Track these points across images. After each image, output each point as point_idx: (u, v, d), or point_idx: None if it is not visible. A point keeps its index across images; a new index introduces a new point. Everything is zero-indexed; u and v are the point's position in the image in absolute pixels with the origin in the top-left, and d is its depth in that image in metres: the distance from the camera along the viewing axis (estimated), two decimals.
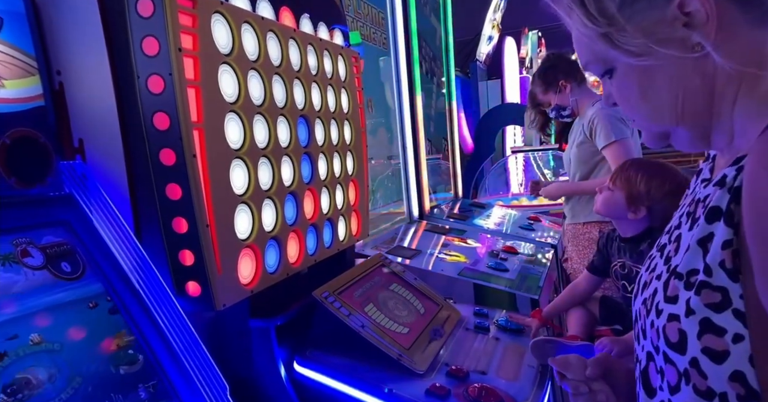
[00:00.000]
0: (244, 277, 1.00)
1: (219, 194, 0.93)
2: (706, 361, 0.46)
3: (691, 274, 0.49)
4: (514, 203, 3.55)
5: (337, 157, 1.43)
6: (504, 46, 6.74)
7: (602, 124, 1.89)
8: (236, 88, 1.03)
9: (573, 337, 1.27)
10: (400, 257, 1.61)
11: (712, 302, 0.46)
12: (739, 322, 0.45)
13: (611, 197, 1.32)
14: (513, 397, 0.93)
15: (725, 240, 0.46)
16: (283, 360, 1.03)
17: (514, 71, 6.88)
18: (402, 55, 2.53)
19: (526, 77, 7.12)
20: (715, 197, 0.49)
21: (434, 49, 3.33)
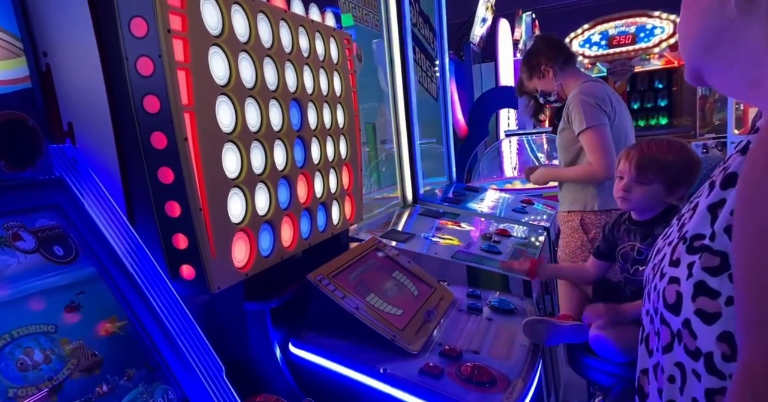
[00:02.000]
0: (238, 261, 1.00)
1: (211, 178, 0.93)
2: (697, 322, 0.48)
3: (695, 238, 0.51)
4: (507, 187, 3.56)
5: (330, 141, 1.43)
6: (498, 28, 6.68)
7: (576, 111, 1.86)
8: (227, 71, 1.02)
9: (565, 317, 1.28)
10: (395, 241, 1.62)
11: (709, 266, 0.47)
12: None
13: (650, 192, 1.24)
14: (505, 375, 0.95)
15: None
16: (278, 342, 1.04)
17: (508, 54, 6.82)
18: (395, 37, 2.50)
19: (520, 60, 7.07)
20: (735, 163, 0.49)
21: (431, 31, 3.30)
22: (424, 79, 3.17)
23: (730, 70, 0.53)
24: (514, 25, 7.26)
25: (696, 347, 0.48)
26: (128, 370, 0.78)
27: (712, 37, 0.52)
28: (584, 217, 1.86)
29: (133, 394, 0.76)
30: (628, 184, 1.26)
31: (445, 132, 3.18)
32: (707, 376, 0.47)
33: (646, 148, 1.24)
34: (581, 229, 1.86)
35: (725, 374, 0.46)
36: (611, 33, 8.41)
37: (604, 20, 8.50)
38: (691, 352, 0.49)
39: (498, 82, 6.30)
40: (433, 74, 3.35)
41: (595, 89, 1.90)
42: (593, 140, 1.84)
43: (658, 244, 0.62)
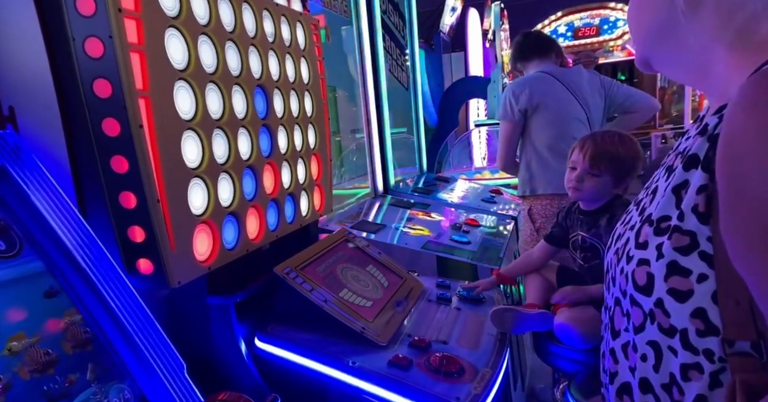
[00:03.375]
0: (200, 254, 0.96)
1: (170, 167, 0.88)
2: (670, 301, 0.49)
3: (662, 220, 0.51)
4: (477, 176, 3.58)
5: (298, 129, 1.39)
6: (467, 18, 6.68)
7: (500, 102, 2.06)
8: (186, 54, 0.97)
9: (531, 306, 1.29)
10: (365, 232, 1.60)
11: (680, 245, 0.48)
12: (704, 263, 0.47)
13: (600, 183, 1.28)
14: (473, 364, 0.95)
15: (701, 185, 0.48)
16: (243, 336, 1.01)
17: (478, 44, 6.84)
18: (364, 24, 2.46)
19: (489, 49, 7.11)
20: (695, 145, 0.50)
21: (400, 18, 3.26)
22: (394, 68, 3.14)
23: (680, 59, 0.56)
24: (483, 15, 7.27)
25: (670, 325, 0.49)
26: (82, 368, 0.74)
27: (661, 27, 0.55)
28: (532, 206, 1.95)
29: (86, 395, 0.72)
30: (581, 175, 1.30)
31: (415, 122, 3.17)
32: (683, 352, 0.49)
33: (600, 140, 1.28)
34: (529, 218, 1.94)
35: (699, 349, 0.48)
36: (577, 25, 8.56)
37: (570, 12, 8.64)
38: (665, 330, 0.50)
39: (468, 72, 6.32)
40: (404, 63, 3.32)
41: (518, 84, 2.03)
42: (500, 133, 2.08)
43: (618, 229, 0.63)
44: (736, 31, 0.50)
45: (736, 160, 0.43)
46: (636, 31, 0.60)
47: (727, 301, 0.45)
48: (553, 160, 1.93)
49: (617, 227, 0.64)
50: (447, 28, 6.57)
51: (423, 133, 3.19)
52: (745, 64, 0.50)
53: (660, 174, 0.59)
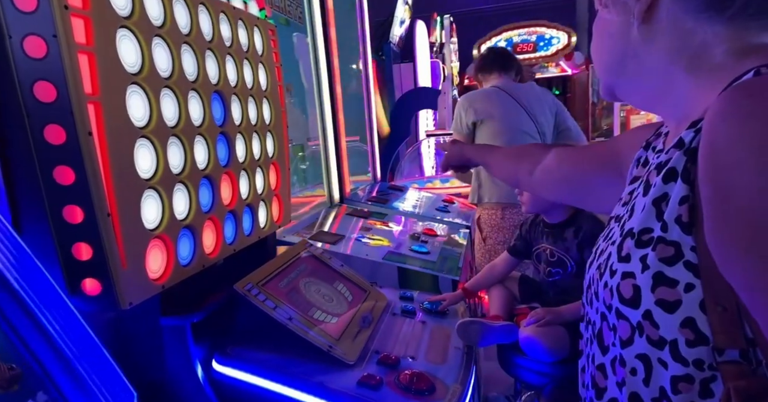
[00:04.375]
0: (153, 272, 0.89)
1: (122, 178, 0.81)
2: (659, 312, 0.49)
3: (643, 232, 0.52)
4: (428, 186, 3.61)
5: (257, 138, 1.33)
6: (415, 30, 6.79)
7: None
8: (139, 57, 0.90)
9: (495, 317, 1.30)
10: (324, 243, 1.56)
11: (665, 256, 0.49)
12: (690, 273, 0.47)
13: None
14: (442, 380, 0.93)
15: (682, 196, 0.48)
16: (200, 359, 0.94)
17: (425, 55, 6.97)
18: (319, 30, 2.42)
19: (436, 61, 7.25)
20: (673, 159, 0.51)
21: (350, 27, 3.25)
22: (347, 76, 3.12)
23: (641, 86, 0.59)
24: (430, 27, 7.42)
25: (659, 336, 0.49)
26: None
27: (621, 58, 0.58)
28: (480, 215, 2.02)
29: None
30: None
31: (369, 130, 3.16)
32: (673, 364, 0.48)
33: None
34: (477, 227, 2.01)
35: (689, 361, 0.47)
36: (515, 40, 8.94)
37: (509, 28, 9.02)
38: (655, 342, 0.50)
39: (416, 82, 6.41)
40: (356, 72, 3.31)
41: (467, 97, 2.15)
42: None
43: (600, 245, 0.63)
44: (690, 57, 0.53)
45: (721, 170, 0.44)
46: (599, 63, 0.62)
47: (715, 309, 0.46)
48: None
49: (599, 242, 0.64)
50: (396, 39, 6.64)
51: (377, 141, 3.19)
52: (705, 85, 0.53)
53: (636, 189, 0.60)
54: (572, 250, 1.29)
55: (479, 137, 2.08)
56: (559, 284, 1.34)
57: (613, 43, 0.59)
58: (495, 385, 2.08)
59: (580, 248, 1.27)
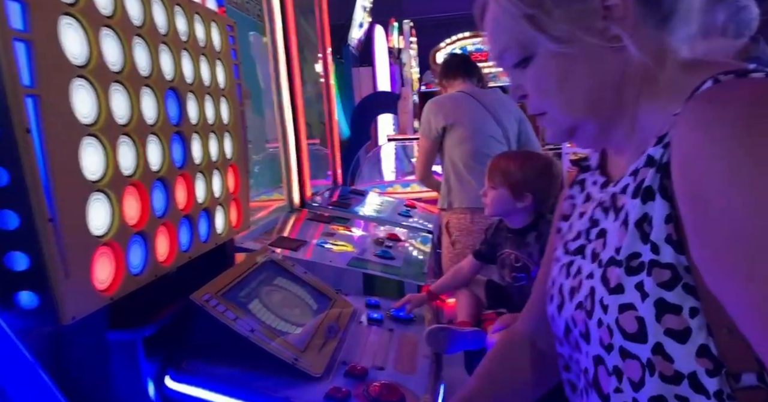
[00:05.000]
0: (100, 282, 0.82)
1: (65, 180, 0.74)
2: (670, 343, 0.45)
3: (631, 258, 0.48)
4: (389, 190, 3.60)
5: (214, 138, 1.27)
6: (374, 34, 6.80)
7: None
8: (85, 48, 0.83)
9: (464, 323, 1.29)
10: (285, 249, 1.50)
11: (662, 281, 0.45)
12: (691, 296, 0.44)
13: (497, 195, 1.36)
14: (412, 391, 0.90)
15: (667, 214, 0.46)
16: (151, 377, 0.87)
17: (384, 59, 6.99)
18: (279, 30, 2.36)
19: (395, 66, 7.30)
20: (647, 178, 0.49)
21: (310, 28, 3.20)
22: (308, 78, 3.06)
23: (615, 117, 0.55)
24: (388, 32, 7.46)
25: (675, 371, 0.44)
26: None
27: (601, 92, 0.54)
28: (449, 219, 2.04)
29: None
30: (485, 189, 1.42)
31: (329, 133, 3.11)
32: (695, 397, 0.44)
33: (497, 157, 1.45)
34: (446, 231, 2.03)
35: (710, 392, 0.43)
36: (470, 49, 9.16)
37: (465, 37, 9.23)
38: (670, 378, 0.45)
39: (376, 86, 6.41)
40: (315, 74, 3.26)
41: (438, 101, 2.17)
42: (419, 148, 2.22)
43: (566, 284, 0.58)
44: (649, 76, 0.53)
45: (696, 183, 0.42)
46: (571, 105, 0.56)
47: (720, 332, 0.43)
48: (468, 175, 2.02)
49: (562, 283, 0.60)
50: (355, 42, 6.62)
51: (338, 145, 3.14)
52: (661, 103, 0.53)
53: (596, 214, 0.57)
54: (535, 256, 1.30)
55: (448, 141, 2.09)
56: (525, 289, 1.34)
57: (592, 82, 0.54)
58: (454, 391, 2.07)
59: (543, 253, 1.28)
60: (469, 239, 2.01)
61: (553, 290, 0.62)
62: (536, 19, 0.52)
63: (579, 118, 0.56)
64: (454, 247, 2.03)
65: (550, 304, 0.63)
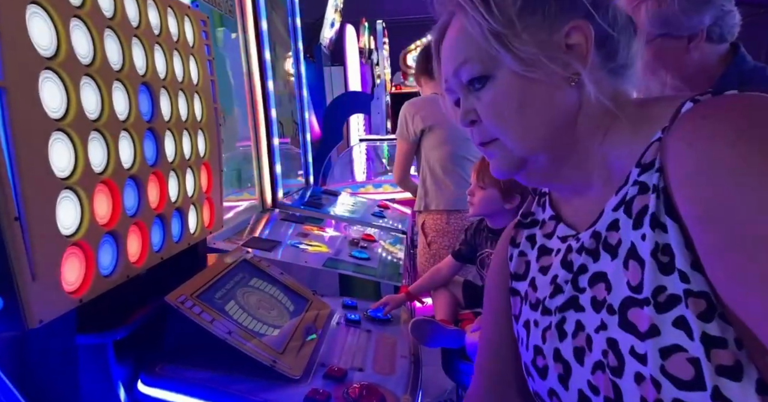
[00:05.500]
0: (69, 284, 0.78)
1: (33, 177, 0.70)
2: (727, 384, 0.39)
3: (657, 293, 0.43)
4: (361, 191, 3.59)
5: (187, 136, 1.23)
6: (345, 34, 6.76)
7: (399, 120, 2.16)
8: (54, 39, 0.79)
9: (443, 322, 1.30)
10: (259, 250, 1.47)
11: (700, 312, 0.41)
12: (730, 326, 0.40)
13: (487, 196, 1.36)
14: (392, 391, 0.90)
15: (684, 238, 0.43)
16: (122, 381, 0.84)
17: (355, 59, 6.96)
18: (250, 23, 2.32)
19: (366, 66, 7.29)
20: (650, 204, 0.45)
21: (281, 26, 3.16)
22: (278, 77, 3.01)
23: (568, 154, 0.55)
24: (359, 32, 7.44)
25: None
26: None
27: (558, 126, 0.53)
28: (425, 220, 2.05)
29: None
30: (472, 189, 1.42)
31: (301, 133, 3.07)
32: None
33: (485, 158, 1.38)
34: (422, 232, 2.04)
35: None
36: None
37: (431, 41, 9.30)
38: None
39: (347, 86, 6.38)
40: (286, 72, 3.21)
41: (413, 103, 2.17)
42: (397, 151, 2.19)
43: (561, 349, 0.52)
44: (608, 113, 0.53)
45: (710, 198, 0.40)
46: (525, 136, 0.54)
47: (763, 358, 0.38)
48: (445, 178, 2.03)
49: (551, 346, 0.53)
50: (327, 42, 6.57)
51: (309, 144, 3.11)
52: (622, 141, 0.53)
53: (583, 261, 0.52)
54: None
55: (425, 144, 2.09)
56: None
57: (550, 111, 0.53)
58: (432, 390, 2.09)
59: None
60: (445, 240, 2.02)
61: (541, 361, 0.55)
62: (504, 37, 0.51)
63: (533, 149, 0.54)
64: (430, 247, 2.05)
65: (540, 380, 0.55)
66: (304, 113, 3.15)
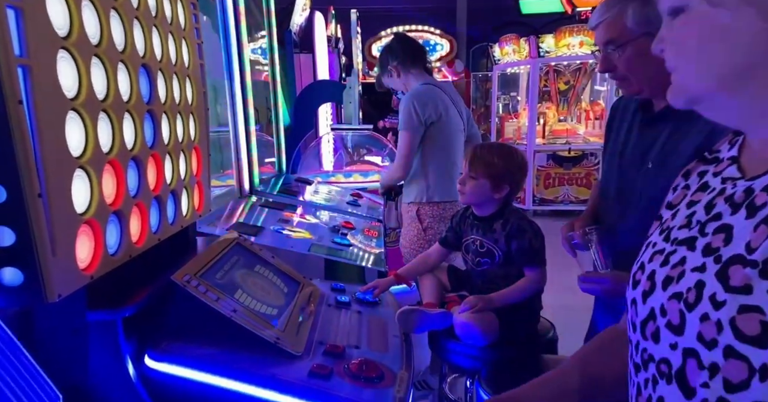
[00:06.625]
0: (81, 261, 0.80)
1: (54, 155, 0.72)
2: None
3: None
4: (332, 179, 3.61)
5: (180, 119, 1.24)
6: (314, 21, 6.69)
7: (400, 111, 2.12)
8: (67, 19, 0.80)
9: (430, 305, 1.37)
10: (245, 234, 1.49)
11: None
12: None
13: (478, 186, 1.41)
14: (389, 367, 0.96)
15: None
16: (131, 356, 0.86)
17: (324, 47, 6.90)
18: (229, 7, 2.29)
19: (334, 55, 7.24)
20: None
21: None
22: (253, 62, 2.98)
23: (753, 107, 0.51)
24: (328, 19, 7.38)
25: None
26: None
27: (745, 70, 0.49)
28: (420, 208, 2.08)
29: None
30: (464, 178, 1.46)
31: (275, 120, 3.06)
32: None
33: (479, 149, 1.46)
34: (417, 219, 2.08)
35: None
36: None
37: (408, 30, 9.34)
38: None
39: (316, 75, 6.32)
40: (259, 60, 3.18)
41: (423, 94, 2.10)
42: (401, 142, 2.13)
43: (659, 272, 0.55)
44: None
45: None
46: (703, 72, 0.52)
47: None
48: (447, 169, 2.07)
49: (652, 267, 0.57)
50: (296, 28, 6.48)
51: (282, 131, 3.11)
52: None
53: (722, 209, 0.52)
54: (501, 242, 1.40)
55: (431, 135, 2.08)
56: (487, 273, 1.44)
57: (738, 52, 0.49)
58: None
59: (508, 240, 1.38)
60: (441, 226, 2.06)
61: (641, 275, 0.59)
62: None
63: (709, 88, 0.52)
64: (426, 233, 2.10)
65: (632, 289, 0.59)
66: (277, 100, 3.13)
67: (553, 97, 7.04)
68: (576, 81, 6.84)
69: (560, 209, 6.23)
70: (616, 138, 1.29)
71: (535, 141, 6.43)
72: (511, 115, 7.68)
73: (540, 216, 6.05)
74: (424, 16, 10.57)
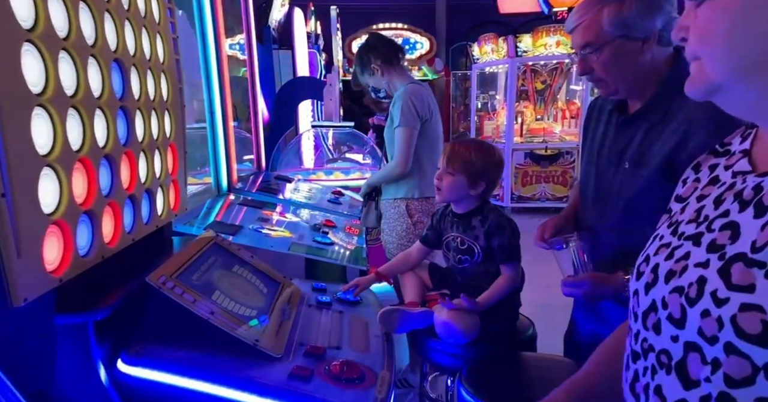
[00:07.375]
0: (49, 263, 0.77)
1: (18, 153, 0.69)
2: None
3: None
4: (312, 177, 3.58)
5: (155, 116, 1.21)
6: (293, 17, 6.62)
7: (396, 108, 2.12)
8: (32, 12, 0.77)
9: (412, 304, 1.36)
10: (223, 234, 1.46)
11: None
12: None
13: (455, 182, 1.41)
14: (370, 368, 0.95)
15: None
16: (103, 360, 0.83)
17: (303, 44, 6.84)
18: (207, 6, 2.25)
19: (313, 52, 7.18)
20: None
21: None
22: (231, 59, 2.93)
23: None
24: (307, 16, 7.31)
25: None
26: None
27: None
28: (409, 203, 2.09)
29: None
30: (441, 174, 1.46)
31: (253, 117, 3.01)
32: None
33: (457, 145, 1.46)
34: (407, 214, 2.08)
35: None
36: None
37: (378, 29, 9.35)
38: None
39: (295, 71, 6.26)
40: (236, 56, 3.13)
41: (418, 92, 2.12)
42: (400, 138, 2.11)
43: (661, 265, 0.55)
44: None
45: None
46: (727, 54, 0.50)
47: None
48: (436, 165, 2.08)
49: (656, 260, 0.57)
50: (275, 24, 6.41)
51: (261, 128, 3.06)
52: None
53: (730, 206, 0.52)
54: (480, 239, 1.40)
55: (421, 133, 2.10)
56: (468, 271, 1.44)
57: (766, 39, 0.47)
58: None
59: (488, 236, 1.39)
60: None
61: (645, 267, 0.59)
62: None
63: (731, 76, 0.50)
64: (416, 227, 2.11)
65: (636, 280, 0.60)
66: (255, 97, 3.09)
67: (530, 96, 7.11)
68: (552, 80, 6.91)
69: (537, 206, 6.30)
70: (593, 138, 1.31)
71: (513, 139, 6.49)
72: (490, 113, 7.74)
73: (518, 213, 6.11)
74: (403, 13, 10.58)
